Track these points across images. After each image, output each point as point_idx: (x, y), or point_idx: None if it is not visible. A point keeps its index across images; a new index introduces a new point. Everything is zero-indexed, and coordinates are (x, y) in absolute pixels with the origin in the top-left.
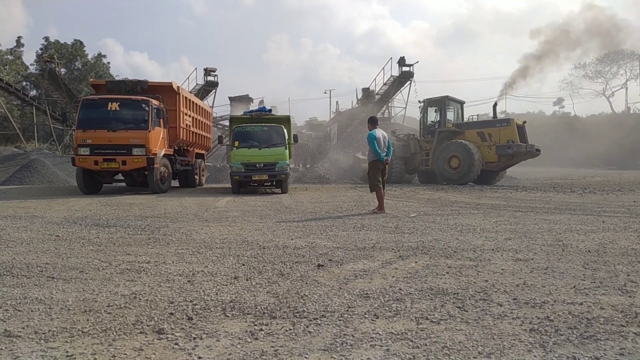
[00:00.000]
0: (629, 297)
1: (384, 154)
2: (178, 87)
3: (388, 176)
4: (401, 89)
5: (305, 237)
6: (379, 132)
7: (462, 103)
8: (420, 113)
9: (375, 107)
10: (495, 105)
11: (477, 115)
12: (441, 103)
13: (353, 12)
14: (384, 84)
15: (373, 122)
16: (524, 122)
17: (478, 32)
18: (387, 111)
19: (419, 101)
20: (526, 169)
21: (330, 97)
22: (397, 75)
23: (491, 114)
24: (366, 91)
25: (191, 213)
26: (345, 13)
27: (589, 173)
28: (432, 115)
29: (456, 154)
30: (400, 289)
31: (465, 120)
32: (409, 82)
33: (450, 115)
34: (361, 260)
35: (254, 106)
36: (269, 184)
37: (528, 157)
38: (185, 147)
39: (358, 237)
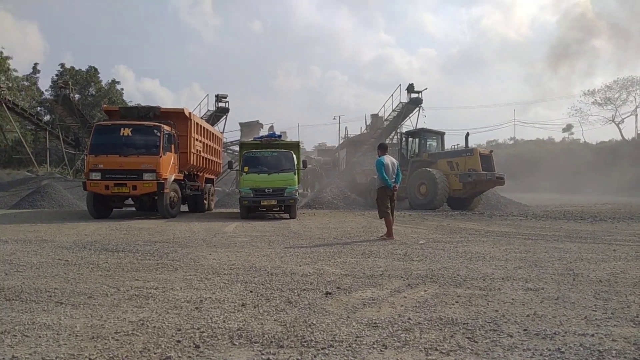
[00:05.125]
0: None
1: (393, 180)
2: (190, 113)
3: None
4: (410, 115)
5: (313, 263)
6: (388, 159)
7: (441, 134)
8: (399, 145)
9: (384, 133)
10: (467, 135)
11: (457, 144)
12: (418, 135)
13: (360, 39)
14: (393, 110)
15: (382, 149)
16: (491, 151)
17: (485, 60)
18: (396, 137)
19: (401, 133)
20: (535, 196)
21: (339, 122)
22: (406, 101)
23: (500, 140)
24: (375, 117)
25: (199, 238)
26: (352, 41)
27: (600, 200)
28: (414, 147)
29: (424, 182)
30: (409, 319)
31: (447, 149)
32: (417, 108)
33: (433, 146)
34: (369, 288)
35: (263, 132)
36: (278, 209)
37: (491, 184)
38: (195, 172)
39: (366, 264)
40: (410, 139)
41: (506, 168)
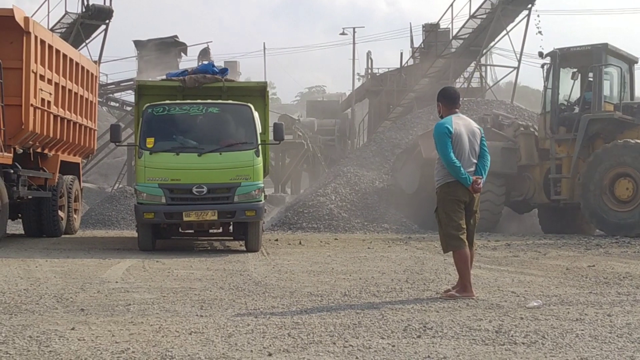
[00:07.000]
0: None
1: (472, 168)
2: (27, 20)
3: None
4: (509, 29)
5: (298, 351)
6: (459, 123)
7: (632, 61)
8: (545, 80)
9: (453, 65)
10: None
11: None
12: (590, 59)
13: None
14: (472, 17)
15: (449, 100)
16: None
17: None
18: (478, 74)
19: (541, 55)
20: None
21: (353, 43)
22: None
23: None
24: (432, 32)
25: (50, 293)
26: None
27: None
28: (570, 86)
29: (628, 172)
30: None
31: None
32: (525, 10)
33: (614, 88)
34: None
35: (188, 62)
36: (220, 230)
37: None
38: (40, 150)
39: (414, 352)
40: (563, 70)
41: None
